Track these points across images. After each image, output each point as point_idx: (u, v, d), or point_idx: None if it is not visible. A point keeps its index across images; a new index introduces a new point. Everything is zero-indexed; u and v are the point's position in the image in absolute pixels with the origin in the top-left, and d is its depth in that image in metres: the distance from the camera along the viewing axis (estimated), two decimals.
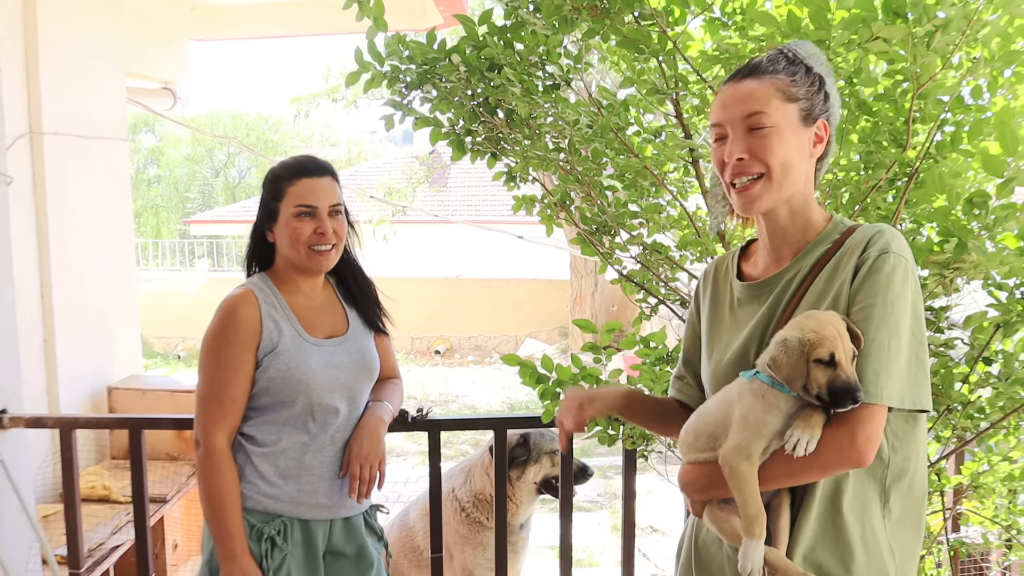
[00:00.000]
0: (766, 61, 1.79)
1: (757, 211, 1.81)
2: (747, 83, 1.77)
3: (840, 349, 1.60)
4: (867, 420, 1.61)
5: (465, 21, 2.70)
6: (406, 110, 2.82)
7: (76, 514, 3.23)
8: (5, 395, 3.26)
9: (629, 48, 2.56)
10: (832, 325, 1.63)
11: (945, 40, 2.14)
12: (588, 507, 7.25)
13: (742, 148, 1.75)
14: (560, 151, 2.78)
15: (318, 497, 2.44)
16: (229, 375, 2.36)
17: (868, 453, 1.60)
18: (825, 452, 1.62)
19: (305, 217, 2.41)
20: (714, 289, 2.02)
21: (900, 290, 1.66)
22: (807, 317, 1.68)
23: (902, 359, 1.64)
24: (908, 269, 1.68)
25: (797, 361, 1.63)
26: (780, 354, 1.66)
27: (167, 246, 24.07)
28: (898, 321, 1.65)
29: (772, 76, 1.76)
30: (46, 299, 4.55)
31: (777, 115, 1.74)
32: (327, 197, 2.44)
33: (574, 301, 14.48)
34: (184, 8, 7.02)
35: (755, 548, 1.65)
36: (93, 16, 5.04)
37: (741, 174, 1.76)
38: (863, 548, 1.71)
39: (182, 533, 4.80)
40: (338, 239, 2.47)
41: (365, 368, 2.57)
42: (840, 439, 1.61)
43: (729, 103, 1.78)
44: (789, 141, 1.75)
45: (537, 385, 2.79)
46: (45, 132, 4.49)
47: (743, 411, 1.71)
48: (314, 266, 2.46)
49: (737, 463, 1.66)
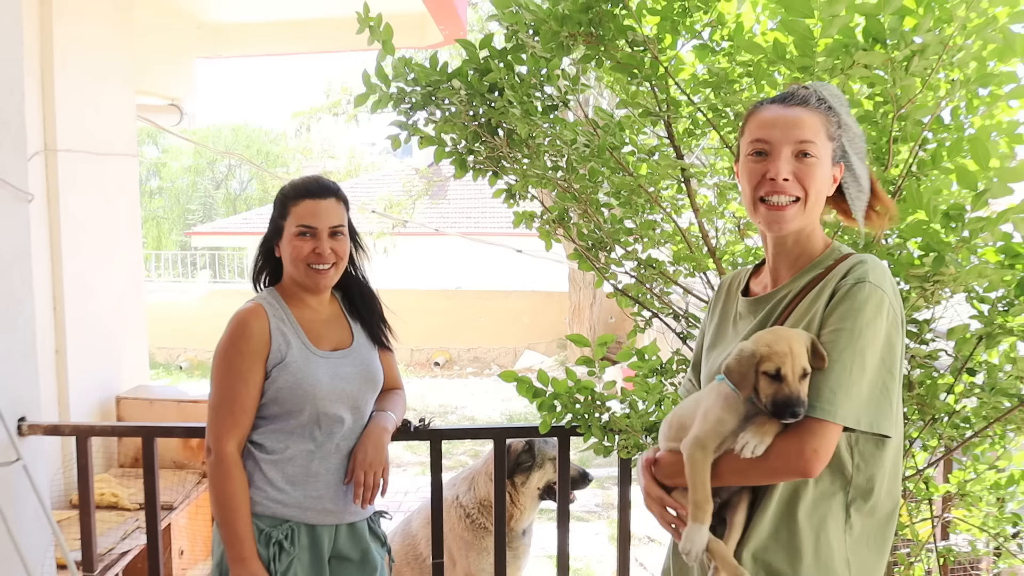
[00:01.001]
0: (814, 97, 1.89)
1: (784, 231, 1.90)
2: (798, 110, 1.86)
3: (788, 365, 1.72)
4: (818, 434, 1.71)
5: (467, 45, 2.79)
6: (411, 130, 2.92)
7: (91, 519, 3.33)
8: (23, 404, 3.37)
9: (623, 72, 2.68)
10: (787, 342, 1.75)
11: (923, 64, 2.25)
12: (586, 517, 7.32)
13: (789, 170, 1.84)
14: (558, 169, 2.87)
15: (324, 503, 2.54)
16: (240, 385, 2.46)
17: (814, 465, 1.71)
18: (774, 458, 1.73)
19: (305, 237, 2.52)
20: (725, 301, 2.14)
21: (871, 318, 1.75)
22: (769, 332, 1.81)
23: (864, 383, 1.73)
24: (884, 300, 1.77)
25: (747, 370, 1.77)
26: (733, 361, 1.80)
27: (169, 258, 24.15)
28: (865, 347, 1.74)
29: (818, 112, 1.87)
30: (58, 312, 4.65)
31: (822, 148, 1.86)
32: (328, 218, 2.54)
33: (572, 313, 14.55)
34: (191, 27, 7.13)
35: (698, 531, 1.78)
36: (105, 37, 5.15)
37: (781, 193, 1.85)
38: (814, 555, 1.81)
39: (188, 540, 4.89)
40: (337, 258, 2.57)
41: (369, 380, 2.67)
42: (788, 448, 1.73)
43: (780, 124, 1.86)
44: (824, 174, 1.87)
45: (534, 399, 2.89)
46: (59, 149, 4.60)
47: (706, 407, 1.86)
48: (312, 284, 2.57)
49: (693, 451, 1.81)
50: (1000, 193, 2.27)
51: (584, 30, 2.59)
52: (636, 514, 3.41)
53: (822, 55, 2.30)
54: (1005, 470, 2.91)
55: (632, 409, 2.87)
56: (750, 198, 1.91)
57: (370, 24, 2.72)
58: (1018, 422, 2.56)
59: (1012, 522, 2.91)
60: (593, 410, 2.91)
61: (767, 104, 1.92)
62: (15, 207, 3.37)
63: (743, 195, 1.96)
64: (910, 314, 2.50)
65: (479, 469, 4.11)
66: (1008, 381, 2.51)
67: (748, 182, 1.91)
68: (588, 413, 2.89)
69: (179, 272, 22.52)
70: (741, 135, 1.98)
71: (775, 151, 1.85)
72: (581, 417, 2.90)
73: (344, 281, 2.71)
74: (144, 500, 3.31)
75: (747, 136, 1.92)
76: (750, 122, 1.93)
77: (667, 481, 1.94)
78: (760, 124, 1.89)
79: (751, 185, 1.90)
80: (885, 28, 2.22)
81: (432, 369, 15.53)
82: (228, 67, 57.86)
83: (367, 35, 2.75)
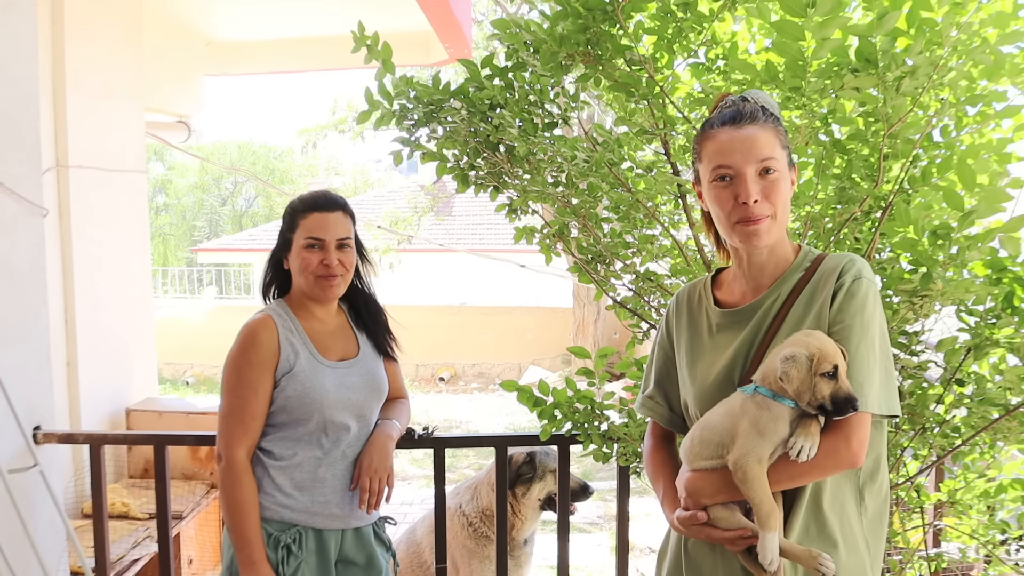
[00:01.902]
0: (758, 110, 1.94)
1: (761, 246, 1.96)
2: (750, 129, 1.91)
3: (841, 363, 1.80)
4: (857, 426, 1.80)
5: (468, 65, 2.87)
6: (414, 146, 2.98)
7: (104, 525, 3.41)
8: (39, 413, 3.46)
9: (620, 91, 2.75)
10: (830, 343, 1.82)
11: (913, 84, 2.30)
12: (587, 528, 7.36)
13: (757, 191, 1.89)
14: (558, 185, 2.93)
15: (331, 508, 2.62)
16: (250, 394, 2.54)
17: (860, 455, 1.80)
18: (824, 457, 1.80)
19: (314, 248, 2.60)
20: (689, 315, 2.16)
21: (872, 311, 1.87)
22: (806, 335, 1.86)
23: (878, 370, 1.85)
24: (876, 293, 1.90)
25: (806, 375, 1.80)
26: (791, 369, 1.82)
27: (175, 274, 24.20)
28: (873, 338, 1.86)
29: (766, 124, 1.93)
30: (70, 324, 4.73)
31: (781, 161, 1.92)
32: (335, 231, 2.62)
33: (576, 329, 14.59)
34: (199, 45, 7.24)
35: (772, 540, 1.81)
36: (115, 55, 5.24)
37: (753, 216, 1.90)
38: (843, 542, 1.88)
39: (197, 549, 4.96)
40: (344, 270, 2.66)
41: (375, 389, 2.75)
42: (836, 444, 1.80)
43: (739, 148, 1.90)
44: (786, 186, 1.94)
45: (535, 408, 2.96)
46: (71, 165, 4.69)
47: (752, 420, 1.87)
48: (320, 294, 2.65)
49: (750, 466, 1.82)
50: (986, 213, 2.32)
51: (582, 50, 2.66)
52: (636, 525, 3.45)
53: (813, 75, 2.35)
54: (995, 479, 2.94)
55: (630, 418, 2.94)
56: (726, 223, 1.96)
57: (367, 43, 2.77)
58: (1006, 431, 2.61)
59: (1001, 529, 2.95)
60: (592, 419, 2.97)
61: (718, 127, 1.96)
62: (30, 221, 3.47)
63: (716, 219, 2.00)
64: (900, 326, 2.56)
65: (482, 479, 4.17)
66: (996, 392, 2.55)
67: (720, 207, 1.96)
68: (588, 422, 2.96)
69: (185, 288, 22.58)
70: (698, 160, 2.02)
71: (739, 175, 1.91)
72: (581, 426, 2.96)
73: (351, 293, 2.79)
74: (155, 508, 3.38)
75: (707, 162, 1.97)
76: (705, 147, 1.97)
77: (708, 500, 1.94)
78: (718, 150, 1.94)
79: (724, 211, 1.95)
80: (877, 50, 2.26)
81: (437, 384, 15.57)
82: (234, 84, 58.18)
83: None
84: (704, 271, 2.99)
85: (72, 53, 4.72)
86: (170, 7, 6.43)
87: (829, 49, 2.29)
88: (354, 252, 2.70)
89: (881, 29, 2.23)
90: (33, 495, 3.34)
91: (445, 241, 19.38)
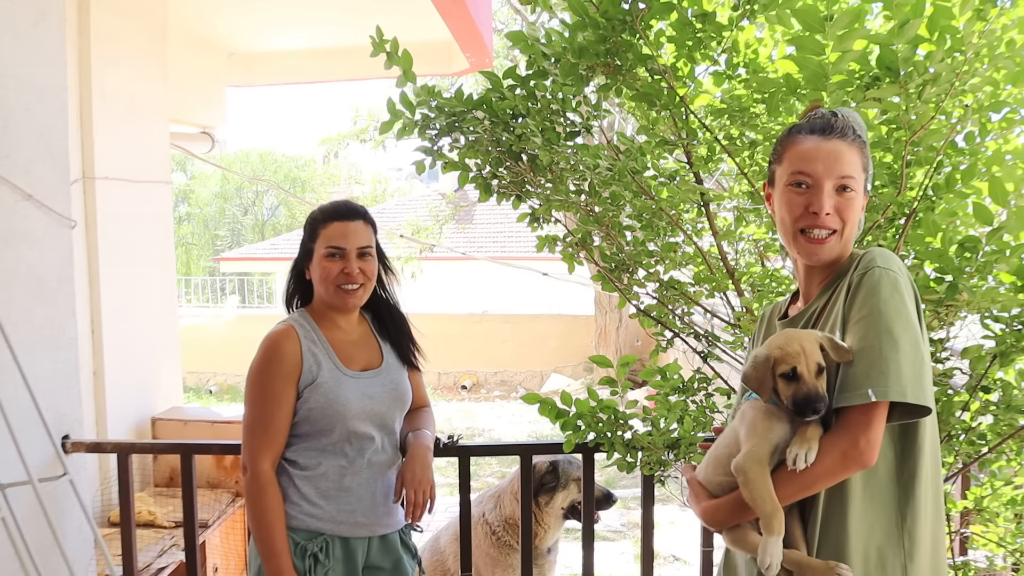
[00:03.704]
0: (849, 128, 1.91)
1: (821, 262, 1.95)
2: (836, 143, 1.89)
3: (802, 363, 1.76)
4: (863, 423, 1.72)
5: (490, 76, 2.87)
6: (436, 155, 3.00)
7: (131, 533, 3.44)
8: (68, 422, 3.49)
9: (642, 101, 2.75)
10: (798, 341, 1.79)
11: (936, 91, 2.31)
12: (611, 537, 7.34)
13: (832, 204, 1.88)
14: (581, 193, 2.94)
15: (356, 516, 2.62)
16: (273, 405, 2.55)
17: (869, 454, 1.71)
18: (831, 460, 1.73)
19: (335, 258, 2.60)
20: (766, 331, 2.16)
21: (888, 297, 1.76)
22: (779, 335, 1.86)
23: (901, 357, 1.72)
24: (897, 279, 1.79)
25: (763, 375, 1.81)
26: (750, 369, 1.85)
27: (197, 283, 24.37)
28: (890, 325, 1.74)
29: (853, 143, 1.91)
30: (96, 335, 4.78)
31: (858, 182, 1.90)
32: (356, 239, 2.62)
33: (599, 337, 14.58)
34: (222, 56, 7.30)
35: (774, 544, 1.76)
36: (140, 67, 5.30)
37: (821, 227, 1.89)
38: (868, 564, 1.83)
39: (222, 558, 4.98)
40: (366, 279, 2.66)
41: (398, 399, 2.74)
42: (840, 445, 1.73)
43: (823, 158, 1.88)
44: (859, 207, 1.92)
45: (557, 419, 2.96)
46: (97, 177, 4.74)
47: (749, 423, 1.87)
48: (341, 303, 2.65)
49: (749, 466, 1.81)
50: (1017, 229, 2.32)
51: (602, 60, 2.67)
52: (660, 533, 3.44)
53: (834, 87, 2.34)
54: (1022, 486, 2.93)
55: (654, 427, 2.93)
56: (790, 229, 1.94)
57: (386, 50, 2.77)
58: None
59: None
60: (616, 428, 2.97)
61: (806, 134, 1.93)
62: (59, 232, 3.50)
63: (780, 223, 1.99)
64: (925, 334, 2.54)
65: (505, 488, 4.17)
66: (1023, 398, 2.55)
67: (788, 213, 1.94)
68: (611, 431, 2.96)
69: (208, 298, 22.71)
70: (777, 161, 2.00)
71: (817, 185, 1.89)
72: (604, 435, 2.96)
73: (374, 302, 2.79)
74: (182, 516, 3.41)
75: (786, 165, 1.95)
76: (789, 151, 1.95)
77: (728, 526, 1.92)
78: (801, 156, 1.92)
79: (792, 216, 1.93)
80: (899, 58, 2.26)
81: (459, 392, 15.58)
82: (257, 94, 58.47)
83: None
84: (727, 279, 2.99)
85: (98, 66, 4.77)
86: (193, 20, 6.49)
87: (849, 61, 2.29)
88: (375, 261, 2.70)
89: (903, 37, 2.22)
90: (63, 504, 3.37)
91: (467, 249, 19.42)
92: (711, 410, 3.01)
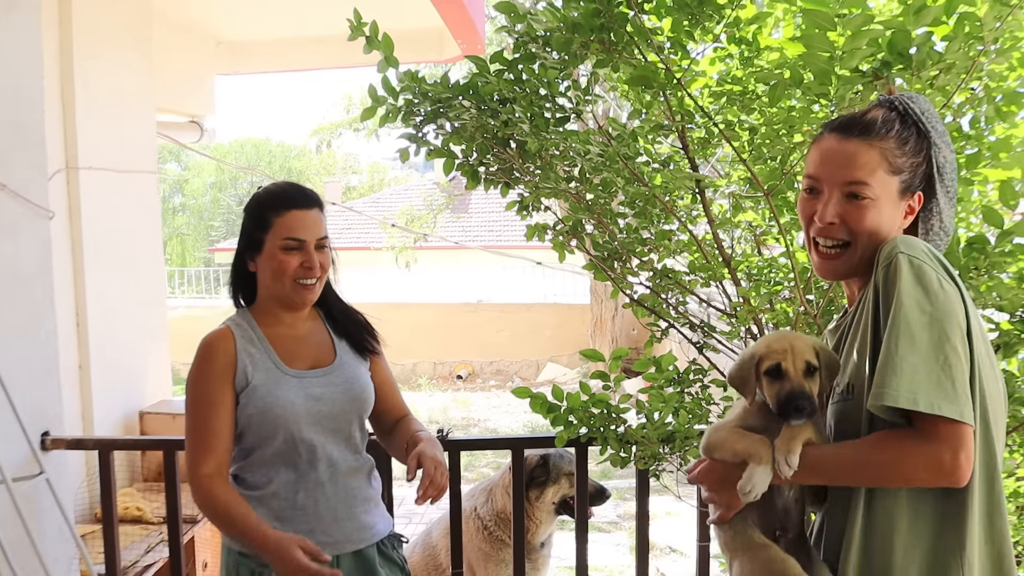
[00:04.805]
0: (880, 121, 1.70)
1: (832, 279, 1.81)
2: (854, 143, 1.69)
3: (788, 360, 1.67)
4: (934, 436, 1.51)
5: (477, 61, 2.78)
6: (420, 142, 2.91)
7: (114, 532, 3.36)
8: (47, 418, 3.40)
9: (637, 84, 2.67)
10: (788, 340, 1.71)
11: (948, 80, 2.24)
12: (607, 528, 7.30)
13: (835, 213, 1.70)
14: (572, 180, 2.87)
15: (316, 536, 2.34)
16: (208, 410, 2.32)
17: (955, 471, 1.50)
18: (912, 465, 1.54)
19: (292, 251, 2.36)
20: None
21: (910, 287, 1.55)
22: (772, 333, 1.79)
23: (917, 357, 1.52)
24: (921, 267, 1.57)
25: (747, 373, 1.72)
26: (734, 367, 1.76)
27: (192, 274, 24.27)
28: (908, 319, 1.54)
29: (882, 141, 1.69)
30: (81, 327, 4.70)
31: (879, 188, 1.68)
32: (315, 230, 2.39)
33: (594, 326, 14.55)
34: (210, 44, 7.21)
35: (760, 473, 1.65)
36: (124, 55, 5.22)
37: (827, 236, 1.73)
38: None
39: (211, 553, 4.91)
40: (323, 272, 2.42)
41: (355, 399, 2.48)
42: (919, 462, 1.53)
43: (831, 161, 1.71)
44: (883, 214, 1.70)
45: (549, 414, 2.88)
46: (80, 167, 4.66)
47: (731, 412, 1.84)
48: (299, 299, 2.42)
49: (710, 433, 1.80)
50: None
51: (597, 36, 2.57)
52: (656, 524, 3.40)
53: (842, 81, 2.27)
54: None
55: (648, 420, 2.86)
56: (806, 236, 1.81)
57: (365, 33, 2.67)
58: None
59: None
60: (609, 422, 2.90)
61: (828, 132, 1.76)
62: (37, 224, 3.42)
63: (803, 229, 1.84)
64: None
65: (496, 481, 4.11)
66: None
67: (802, 219, 1.80)
68: (604, 426, 2.89)
69: (203, 288, 22.60)
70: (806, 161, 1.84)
71: (823, 191, 1.73)
72: (597, 430, 2.90)
73: (323, 295, 2.52)
74: (166, 514, 3.34)
75: (806, 167, 1.80)
76: (811, 151, 1.79)
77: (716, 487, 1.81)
78: (814, 158, 1.76)
79: (805, 223, 1.79)
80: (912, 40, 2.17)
81: (455, 382, 15.55)
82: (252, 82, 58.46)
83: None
84: (723, 267, 2.93)
85: (80, 54, 4.69)
86: (180, 7, 6.39)
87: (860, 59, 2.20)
88: (329, 252, 2.46)
89: (919, 22, 2.15)
90: (40, 503, 3.29)
91: (462, 238, 19.37)
92: (707, 402, 2.95)
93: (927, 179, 1.74)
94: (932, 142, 1.72)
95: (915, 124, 1.72)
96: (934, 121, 1.73)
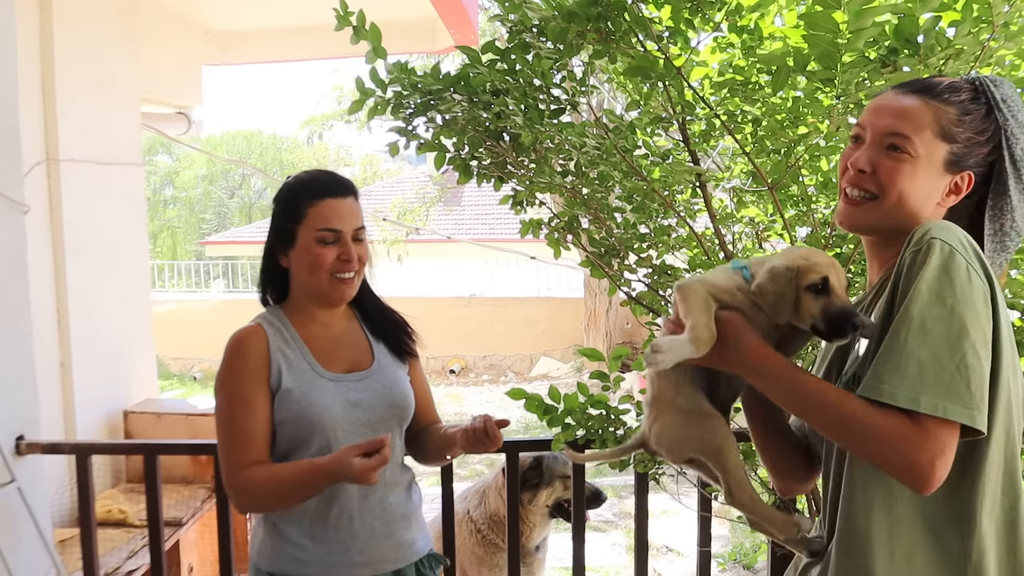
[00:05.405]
0: (946, 84, 1.57)
1: (848, 228, 1.66)
2: (911, 98, 1.57)
3: (835, 275, 1.51)
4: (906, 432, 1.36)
5: (469, 52, 2.69)
6: (410, 136, 2.80)
7: (92, 539, 3.26)
8: (22, 422, 3.27)
9: (636, 75, 2.57)
10: (821, 253, 1.55)
11: (957, 66, 2.15)
12: (603, 527, 7.22)
13: (867, 160, 1.58)
14: (567, 174, 2.78)
15: (351, 555, 2.20)
16: (244, 410, 2.16)
17: (932, 474, 1.36)
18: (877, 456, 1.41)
19: (328, 243, 2.19)
20: None
21: (935, 278, 1.40)
22: (798, 248, 1.62)
23: (926, 354, 1.37)
24: (952, 255, 1.41)
25: (785, 288, 1.52)
26: (766, 282, 1.54)
27: (183, 267, 24.12)
28: (924, 311, 1.39)
29: (941, 103, 1.55)
30: (62, 324, 4.57)
31: (922, 147, 1.54)
32: (352, 220, 2.23)
33: (588, 320, 14.47)
34: (198, 34, 7.06)
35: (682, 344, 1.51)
36: (108, 45, 5.09)
37: (856, 185, 1.59)
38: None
39: (197, 556, 4.81)
40: (361, 265, 2.26)
41: (394, 405, 2.32)
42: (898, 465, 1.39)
43: (881, 111, 1.59)
44: (920, 178, 1.56)
45: (544, 416, 2.78)
46: (61, 159, 4.53)
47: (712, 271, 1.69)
48: (336, 295, 2.25)
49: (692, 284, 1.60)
50: None
51: (594, 25, 2.47)
52: (653, 523, 3.33)
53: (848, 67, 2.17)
54: None
55: None
56: (840, 188, 1.66)
57: (351, 23, 2.55)
58: None
59: None
60: (608, 424, 2.81)
61: (892, 89, 1.63)
62: (10, 218, 3.30)
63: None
64: None
65: (490, 483, 4.04)
66: None
67: (840, 169, 1.67)
68: (602, 428, 2.79)
69: (193, 282, 22.46)
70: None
71: (865, 138, 1.60)
72: (595, 432, 2.80)
73: (358, 293, 2.35)
74: (147, 520, 3.23)
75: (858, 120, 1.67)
76: (868, 104, 1.67)
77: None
78: (869, 108, 1.63)
79: (840, 172, 1.66)
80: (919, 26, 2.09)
81: (448, 377, 15.48)
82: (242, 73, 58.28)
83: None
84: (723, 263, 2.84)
85: (61, 42, 4.55)
86: None
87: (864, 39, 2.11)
88: (367, 244, 2.29)
89: (927, 6, 2.06)
90: (12, 511, 3.15)
91: (455, 231, 19.26)
92: None
93: (990, 168, 1.59)
94: (1010, 132, 1.57)
95: (988, 105, 1.57)
96: (1016, 110, 1.58)
